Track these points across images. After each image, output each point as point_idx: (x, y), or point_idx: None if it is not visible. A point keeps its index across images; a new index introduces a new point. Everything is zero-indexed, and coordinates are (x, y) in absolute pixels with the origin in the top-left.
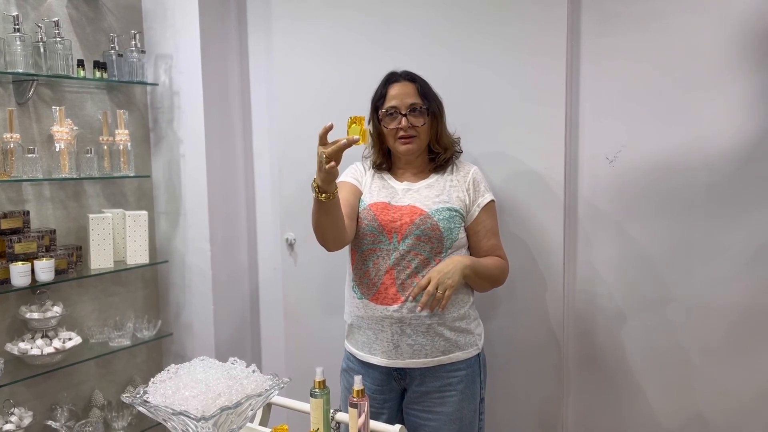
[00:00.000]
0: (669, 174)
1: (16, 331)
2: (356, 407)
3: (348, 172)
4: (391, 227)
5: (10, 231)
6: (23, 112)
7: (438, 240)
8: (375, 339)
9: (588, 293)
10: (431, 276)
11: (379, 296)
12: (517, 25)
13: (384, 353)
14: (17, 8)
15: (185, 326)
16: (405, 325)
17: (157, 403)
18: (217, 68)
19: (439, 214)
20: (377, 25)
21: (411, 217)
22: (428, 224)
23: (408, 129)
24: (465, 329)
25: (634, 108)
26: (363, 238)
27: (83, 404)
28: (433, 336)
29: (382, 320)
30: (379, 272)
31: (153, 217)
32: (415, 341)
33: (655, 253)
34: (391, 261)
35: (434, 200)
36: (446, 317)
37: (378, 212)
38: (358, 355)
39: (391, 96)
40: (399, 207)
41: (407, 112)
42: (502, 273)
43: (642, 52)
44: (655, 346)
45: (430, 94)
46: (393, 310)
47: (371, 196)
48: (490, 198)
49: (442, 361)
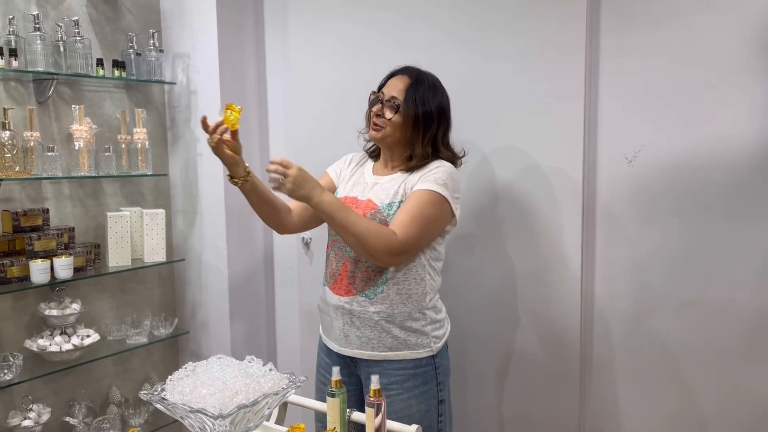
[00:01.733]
0: (689, 174)
1: (35, 328)
2: (373, 407)
3: (337, 162)
4: None
5: (29, 228)
6: (43, 110)
7: None
8: (330, 326)
9: (606, 295)
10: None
11: (336, 286)
12: (536, 22)
13: (336, 340)
14: (38, 7)
15: (201, 324)
16: (354, 317)
17: (174, 400)
18: (234, 67)
19: (390, 209)
20: (394, 22)
21: (364, 211)
22: (378, 219)
23: (377, 117)
24: (417, 329)
25: (653, 107)
26: (330, 229)
27: (101, 401)
28: (380, 331)
29: (336, 309)
30: (338, 263)
31: (170, 216)
32: (363, 333)
33: (675, 255)
34: (347, 253)
35: (389, 194)
36: (395, 315)
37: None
38: (323, 339)
39: (387, 84)
40: (360, 201)
41: (383, 101)
42: (371, 235)
43: (662, 50)
44: (674, 348)
45: (422, 99)
46: (344, 301)
47: (344, 189)
48: (429, 187)
49: (389, 357)
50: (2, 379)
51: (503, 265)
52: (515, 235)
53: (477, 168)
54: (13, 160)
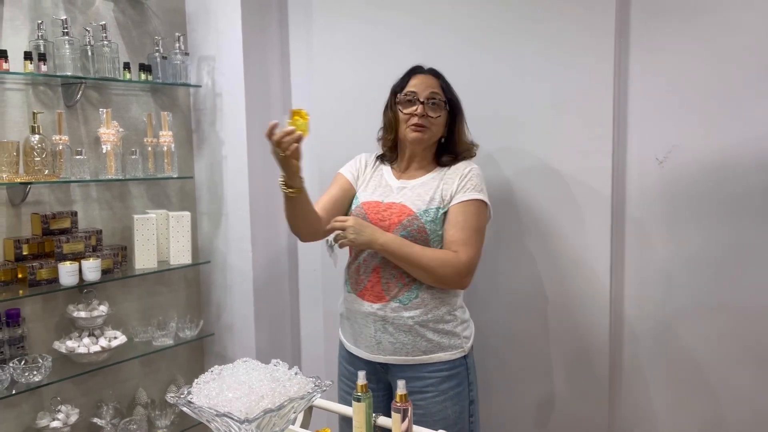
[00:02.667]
0: (722, 175)
1: (63, 330)
2: (399, 412)
3: (350, 163)
4: (379, 226)
5: (58, 231)
6: (71, 114)
7: (424, 241)
8: (360, 333)
9: (636, 298)
10: (349, 220)
11: (365, 293)
12: (564, 20)
13: (367, 347)
14: (66, 12)
15: (226, 326)
16: (387, 324)
17: (201, 404)
18: (258, 70)
19: (427, 215)
20: (419, 25)
21: (399, 217)
22: (415, 225)
23: (422, 117)
24: (449, 332)
25: (685, 106)
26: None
27: (128, 402)
28: (414, 336)
29: (366, 316)
30: (367, 270)
31: (195, 218)
32: (396, 339)
33: (708, 258)
34: (378, 260)
35: (424, 200)
36: (429, 318)
37: (369, 210)
38: (346, 345)
39: (413, 83)
40: (390, 205)
41: (425, 100)
42: (438, 264)
43: (694, 48)
44: (706, 354)
45: (452, 92)
46: (377, 308)
47: (366, 194)
48: (473, 197)
49: (423, 361)
50: (31, 381)
51: (529, 268)
52: (542, 237)
53: (504, 169)
54: (42, 163)
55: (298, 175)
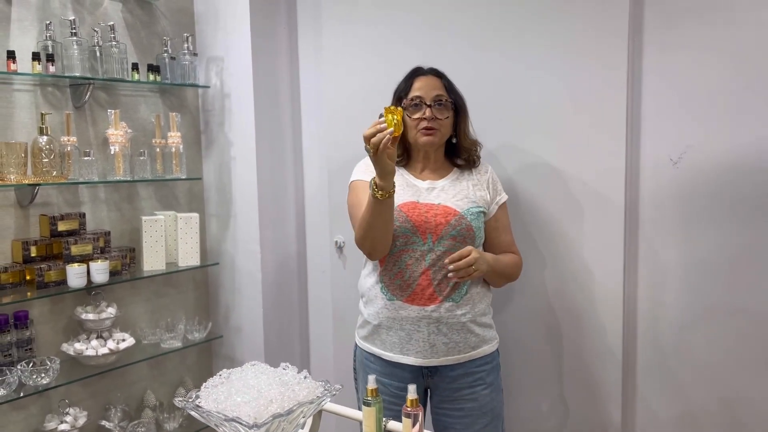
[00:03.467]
0: (737, 176)
1: (71, 332)
2: (410, 417)
3: (362, 170)
4: (425, 228)
5: (67, 233)
6: (80, 115)
7: (471, 239)
8: (409, 339)
9: (650, 301)
10: (474, 252)
11: (415, 297)
12: (577, 19)
13: (419, 353)
14: (74, 13)
15: (235, 329)
16: (442, 324)
17: (209, 408)
18: (267, 70)
19: (471, 214)
20: (428, 26)
21: (446, 218)
22: (463, 224)
23: (431, 120)
24: (488, 324)
25: (699, 106)
26: (395, 238)
27: (136, 405)
28: (466, 333)
29: (418, 321)
30: (414, 273)
31: (204, 219)
32: (450, 339)
33: (723, 260)
34: (427, 262)
35: (464, 200)
36: (476, 313)
37: (409, 212)
38: (384, 356)
39: (417, 87)
40: (429, 206)
41: (432, 103)
42: (516, 270)
43: (709, 47)
44: (722, 358)
45: (455, 90)
46: (431, 310)
47: (398, 196)
48: (506, 197)
49: (473, 356)
50: (40, 383)
51: (541, 270)
52: (554, 239)
53: (516, 171)
54: (51, 165)
55: (390, 177)
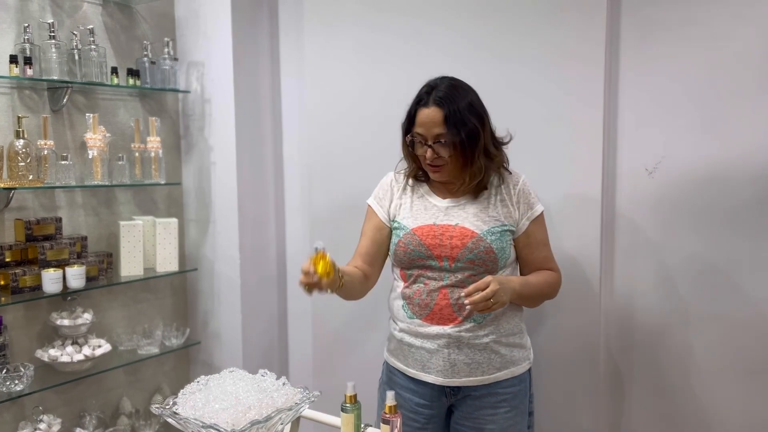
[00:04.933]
0: (712, 186)
1: (46, 338)
2: (388, 423)
3: (377, 195)
4: (440, 251)
5: (42, 237)
6: (57, 119)
7: (492, 261)
8: (430, 358)
9: (626, 309)
10: (492, 284)
11: (434, 316)
12: (555, 31)
13: (440, 372)
14: (53, 16)
15: (213, 335)
16: (462, 344)
17: (186, 415)
18: (248, 76)
19: (492, 234)
20: (410, 30)
21: (462, 240)
22: (481, 247)
23: (434, 159)
24: (518, 344)
25: (675, 117)
26: (411, 261)
27: (111, 412)
28: (489, 353)
29: (437, 339)
30: (432, 293)
31: (183, 225)
32: (472, 359)
33: (697, 269)
34: (444, 282)
35: (484, 219)
36: (501, 333)
37: (424, 237)
38: (408, 372)
39: (419, 122)
40: (446, 227)
41: (433, 142)
42: (551, 288)
43: (684, 59)
44: (695, 364)
45: (462, 119)
46: (450, 329)
47: (414, 219)
48: (540, 210)
49: (498, 378)
50: (13, 390)
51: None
52: None
53: None
54: (27, 168)
55: (335, 286)
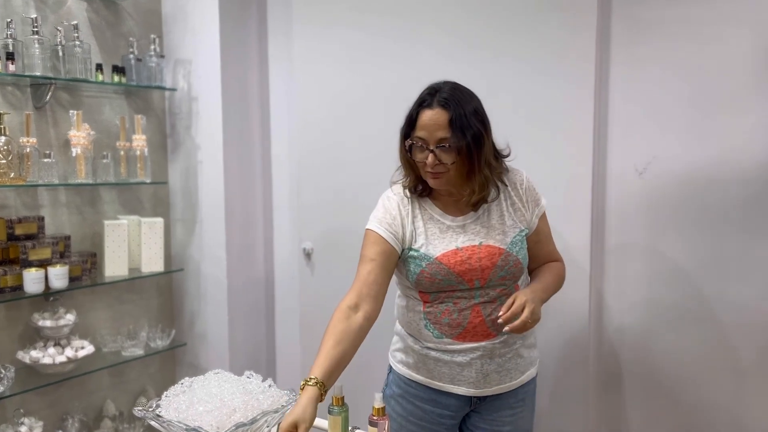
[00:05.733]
0: (702, 186)
1: (28, 339)
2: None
3: (381, 218)
4: (470, 275)
5: (24, 236)
6: (40, 116)
7: (520, 271)
8: (461, 371)
9: (617, 309)
10: (527, 306)
11: (467, 334)
12: (545, 31)
13: (471, 384)
14: (36, 11)
15: (199, 336)
16: (495, 356)
17: (170, 417)
18: (236, 74)
19: (515, 246)
20: (399, 30)
21: (491, 260)
22: (510, 262)
23: (435, 166)
24: (533, 344)
25: (665, 118)
26: (438, 286)
27: (95, 414)
28: (516, 358)
29: (470, 353)
30: (463, 312)
31: (169, 224)
32: (503, 368)
33: (687, 269)
34: (476, 300)
35: (504, 231)
36: (524, 336)
37: (450, 263)
38: (433, 385)
39: (421, 125)
40: (471, 249)
41: (435, 147)
42: (562, 281)
43: (674, 60)
44: (686, 365)
45: (467, 123)
46: (485, 344)
47: (432, 245)
48: (545, 203)
49: (523, 381)
50: None
51: None
52: None
53: None
54: (8, 166)
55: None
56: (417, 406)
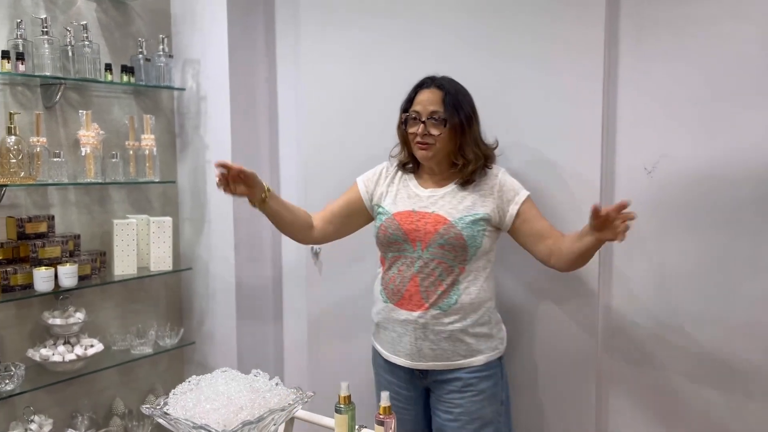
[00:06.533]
0: (711, 186)
1: (38, 337)
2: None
3: (368, 173)
4: (415, 236)
5: (34, 235)
6: (50, 115)
7: (462, 248)
8: (399, 341)
9: (624, 310)
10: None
11: (404, 302)
12: (553, 29)
13: (407, 355)
14: (46, 11)
15: (207, 335)
16: (428, 331)
17: (177, 415)
18: (244, 73)
19: (463, 222)
20: (407, 29)
21: (435, 226)
22: (452, 233)
23: (424, 136)
24: (486, 334)
25: (674, 116)
26: (389, 245)
27: (104, 412)
28: (454, 341)
29: (406, 324)
30: (404, 279)
31: (177, 224)
32: (437, 346)
33: (697, 270)
34: (415, 268)
35: (458, 208)
36: (467, 323)
37: (402, 221)
38: (383, 354)
39: (417, 101)
40: (423, 214)
41: (426, 119)
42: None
43: (683, 57)
44: (694, 367)
45: (459, 103)
46: (417, 315)
47: (395, 205)
48: (525, 194)
49: (462, 365)
50: (3, 390)
51: (517, 277)
52: None
53: None
54: (19, 165)
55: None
56: (381, 376)
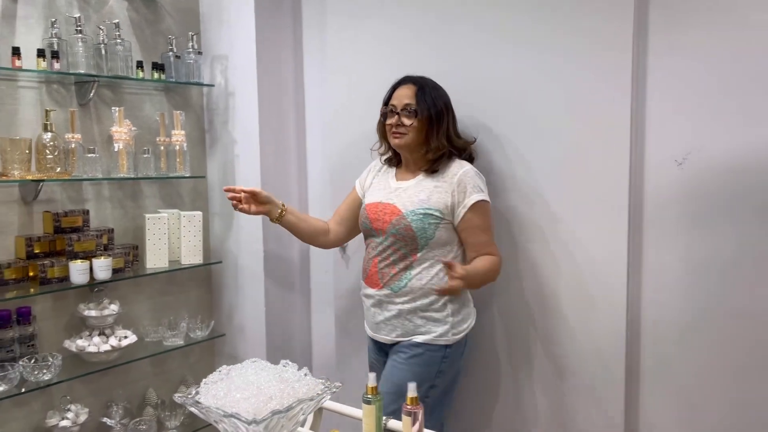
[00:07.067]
0: (743, 178)
1: (74, 329)
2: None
3: (361, 174)
4: (377, 224)
5: (70, 229)
6: (84, 112)
7: (412, 239)
8: (367, 316)
9: (654, 303)
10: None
11: (368, 280)
12: (581, 19)
13: (372, 328)
14: (80, 11)
15: (237, 327)
16: (383, 308)
17: (208, 404)
18: (271, 69)
19: (413, 215)
20: (434, 22)
21: (390, 217)
22: (402, 224)
23: (398, 126)
24: (436, 319)
25: (704, 107)
26: (364, 231)
27: (138, 402)
28: (403, 319)
29: (369, 299)
30: (369, 260)
31: (207, 218)
32: (389, 322)
33: (728, 263)
34: (376, 252)
35: (412, 200)
36: (416, 306)
37: (370, 211)
38: (366, 330)
39: (394, 97)
40: (385, 205)
41: (400, 110)
42: (492, 273)
43: (714, 47)
44: (725, 360)
45: (431, 98)
46: (374, 292)
47: (370, 196)
48: (477, 198)
49: (409, 339)
50: (41, 379)
51: (545, 270)
52: (558, 240)
53: (518, 170)
54: (55, 161)
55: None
56: (368, 354)
